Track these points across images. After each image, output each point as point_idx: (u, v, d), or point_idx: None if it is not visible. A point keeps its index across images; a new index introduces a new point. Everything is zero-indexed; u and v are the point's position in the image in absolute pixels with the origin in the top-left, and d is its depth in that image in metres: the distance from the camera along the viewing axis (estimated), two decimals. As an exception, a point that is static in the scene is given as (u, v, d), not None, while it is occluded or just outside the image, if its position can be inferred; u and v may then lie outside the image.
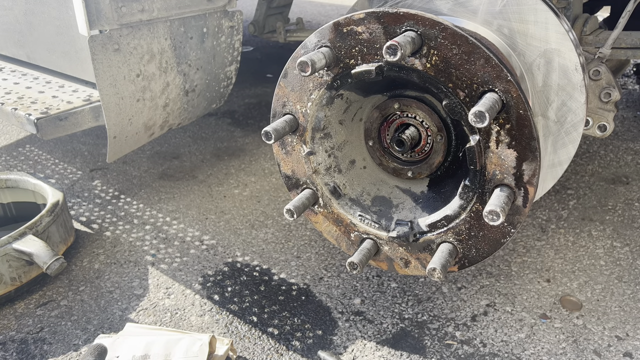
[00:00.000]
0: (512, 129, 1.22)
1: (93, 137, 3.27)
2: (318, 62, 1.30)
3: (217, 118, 3.58)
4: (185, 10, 2.16)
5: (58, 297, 1.93)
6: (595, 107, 1.81)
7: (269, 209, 2.50)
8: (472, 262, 1.42)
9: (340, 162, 1.57)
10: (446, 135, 1.48)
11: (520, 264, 2.07)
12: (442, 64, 1.24)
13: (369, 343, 1.73)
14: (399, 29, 1.26)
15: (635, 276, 1.98)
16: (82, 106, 2.16)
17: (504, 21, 1.50)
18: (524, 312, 1.83)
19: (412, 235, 1.45)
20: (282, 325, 1.80)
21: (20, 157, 3.04)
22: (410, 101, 1.48)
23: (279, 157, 1.58)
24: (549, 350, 1.67)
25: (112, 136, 2.07)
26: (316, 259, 2.14)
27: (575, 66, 1.47)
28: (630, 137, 3.14)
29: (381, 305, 1.88)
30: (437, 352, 1.68)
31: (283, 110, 1.49)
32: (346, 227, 1.55)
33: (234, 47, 2.51)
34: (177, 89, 2.28)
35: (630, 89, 3.94)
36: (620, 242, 2.18)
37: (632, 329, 1.74)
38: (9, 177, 2.29)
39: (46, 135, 2.08)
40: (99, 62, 1.90)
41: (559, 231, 2.27)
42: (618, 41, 1.86)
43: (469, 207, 1.35)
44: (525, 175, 1.25)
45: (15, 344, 1.72)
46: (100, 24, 1.88)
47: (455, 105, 1.27)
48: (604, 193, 2.55)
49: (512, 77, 1.19)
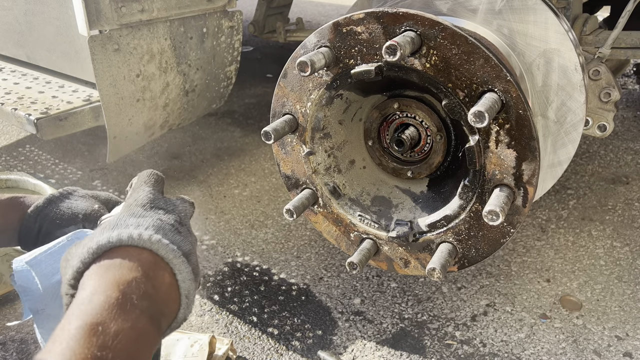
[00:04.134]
0: (511, 129, 1.22)
1: (93, 137, 3.27)
2: (317, 62, 1.30)
3: (217, 118, 3.58)
4: (185, 10, 2.16)
5: (58, 297, 1.93)
6: (595, 107, 1.80)
7: (269, 209, 2.50)
8: (471, 262, 1.41)
9: (339, 162, 1.57)
10: (446, 135, 1.48)
11: (520, 263, 2.07)
12: (441, 64, 1.24)
13: (368, 343, 1.73)
14: (399, 29, 1.26)
15: (635, 276, 1.98)
16: (82, 106, 2.16)
17: (503, 21, 1.50)
18: (523, 312, 1.83)
19: (412, 235, 1.44)
20: (282, 325, 1.80)
21: (20, 157, 3.04)
22: (410, 101, 1.48)
23: (279, 157, 1.58)
24: (549, 350, 1.67)
25: (112, 136, 2.07)
26: (316, 259, 2.14)
27: (575, 66, 1.47)
28: (630, 137, 3.13)
29: (381, 305, 1.88)
30: (437, 352, 1.68)
31: (282, 110, 1.49)
32: (346, 227, 1.55)
33: (234, 47, 2.51)
34: (177, 89, 2.28)
35: (630, 89, 3.94)
36: (620, 242, 2.18)
37: (632, 329, 1.74)
38: (9, 177, 2.29)
39: (46, 135, 2.08)
40: (99, 62, 1.90)
41: (559, 231, 2.27)
42: (618, 41, 1.86)
43: (469, 207, 1.35)
44: (525, 175, 1.25)
45: (15, 344, 1.72)
46: (100, 24, 1.88)
47: (455, 105, 1.26)
48: (604, 193, 2.55)
49: (511, 77, 1.19)
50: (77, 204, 1.02)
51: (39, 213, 1.00)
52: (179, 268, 0.73)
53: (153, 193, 0.85)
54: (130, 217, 0.76)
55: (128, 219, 0.75)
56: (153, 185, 0.88)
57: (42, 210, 1.00)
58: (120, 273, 0.66)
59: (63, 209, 1.01)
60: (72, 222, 1.00)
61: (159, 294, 0.69)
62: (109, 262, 0.68)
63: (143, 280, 0.67)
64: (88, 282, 0.67)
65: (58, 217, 1.00)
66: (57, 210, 1.00)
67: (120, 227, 0.72)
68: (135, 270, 0.67)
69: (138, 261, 0.69)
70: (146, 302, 0.65)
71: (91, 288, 0.65)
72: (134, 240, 0.70)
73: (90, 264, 0.69)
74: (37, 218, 0.99)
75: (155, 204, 0.82)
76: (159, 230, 0.74)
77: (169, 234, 0.75)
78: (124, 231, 0.71)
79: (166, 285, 0.71)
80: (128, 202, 0.83)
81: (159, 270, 0.71)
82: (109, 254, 0.69)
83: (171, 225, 0.78)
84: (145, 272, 0.68)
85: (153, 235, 0.72)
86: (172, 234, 0.76)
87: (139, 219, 0.75)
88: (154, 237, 0.71)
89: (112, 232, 0.71)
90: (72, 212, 1.01)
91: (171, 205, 0.85)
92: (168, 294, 0.71)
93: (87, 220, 1.00)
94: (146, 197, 0.82)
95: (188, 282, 0.73)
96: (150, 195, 0.84)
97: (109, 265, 0.68)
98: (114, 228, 0.72)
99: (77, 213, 1.01)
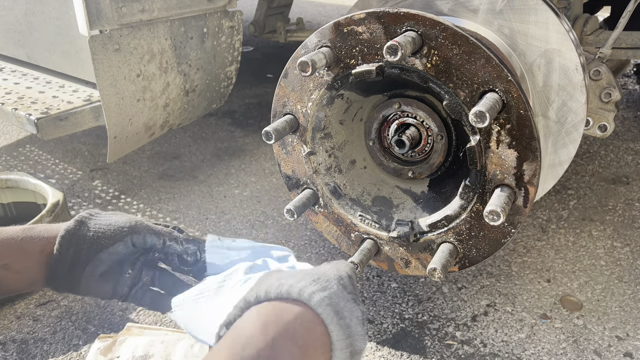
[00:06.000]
0: (512, 129, 1.22)
1: (93, 137, 3.26)
2: (318, 62, 1.30)
3: (217, 118, 3.58)
4: (186, 10, 2.16)
5: (58, 297, 1.93)
6: (595, 107, 1.80)
7: (269, 209, 2.50)
8: (472, 262, 1.41)
9: (340, 162, 1.57)
10: (447, 135, 1.48)
11: (520, 264, 2.07)
12: (442, 64, 1.24)
13: (369, 343, 1.72)
14: (400, 29, 1.26)
15: (635, 276, 1.98)
16: (82, 106, 2.16)
17: (504, 21, 1.50)
18: (524, 312, 1.83)
19: (413, 236, 1.44)
20: (282, 325, 1.80)
21: (20, 157, 3.04)
22: (411, 101, 1.48)
23: (280, 157, 1.58)
24: (549, 351, 1.67)
25: (112, 136, 2.07)
26: (316, 259, 2.13)
27: (576, 66, 1.47)
28: (631, 137, 3.13)
29: (381, 305, 1.88)
30: (437, 352, 1.68)
31: (283, 110, 1.49)
32: (346, 227, 1.55)
33: (234, 47, 2.51)
34: (177, 89, 2.28)
35: (630, 89, 3.94)
36: (621, 242, 2.18)
37: (632, 329, 1.74)
38: (9, 177, 2.29)
39: (46, 135, 2.08)
40: (99, 62, 1.90)
41: (560, 231, 2.27)
42: (618, 41, 1.86)
43: (470, 207, 1.35)
44: (526, 175, 1.25)
45: (15, 344, 1.72)
46: (101, 24, 1.88)
47: (456, 105, 1.26)
48: (605, 193, 2.55)
49: (512, 77, 1.19)
50: (116, 219, 0.89)
51: (72, 236, 0.85)
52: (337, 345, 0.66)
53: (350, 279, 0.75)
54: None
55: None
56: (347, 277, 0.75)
57: (76, 233, 0.86)
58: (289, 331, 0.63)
59: (102, 226, 0.87)
60: (117, 237, 0.87)
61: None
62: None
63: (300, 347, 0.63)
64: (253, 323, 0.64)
65: (100, 236, 0.86)
66: (96, 228, 0.86)
67: (319, 282, 0.68)
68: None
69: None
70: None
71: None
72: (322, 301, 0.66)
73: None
74: (72, 243, 0.85)
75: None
76: (338, 301, 0.68)
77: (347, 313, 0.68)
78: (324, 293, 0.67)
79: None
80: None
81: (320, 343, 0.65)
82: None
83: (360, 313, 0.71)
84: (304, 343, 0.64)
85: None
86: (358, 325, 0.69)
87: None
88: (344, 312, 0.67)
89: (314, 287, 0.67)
90: (114, 227, 0.87)
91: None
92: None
93: (134, 233, 0.88)
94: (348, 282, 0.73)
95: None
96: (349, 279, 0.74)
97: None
98: (314, 282, 0.68)
99: (120, 227, 0.88)
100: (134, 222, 0.89)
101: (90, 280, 0.86)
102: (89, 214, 0.90)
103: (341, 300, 0.68)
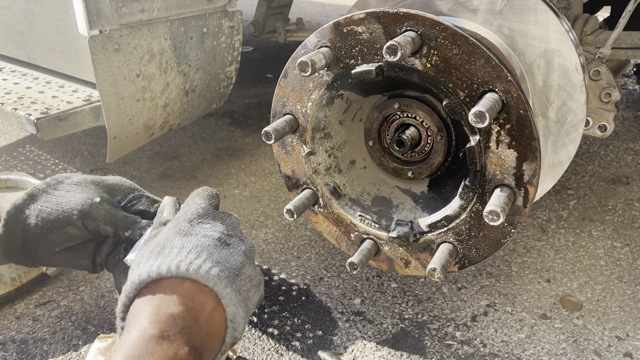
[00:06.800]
0: (512, 129, 1.22)
1: (93, 137, 3.26)
2: (318, 62, 1.30)
3: (217, 118, 3.58)
4: (186, 10, 2.16)
5: (58, 297, 1.93)
6: (595, 107, 1.80)
7: (269, 209, 2.50)
8: (472, 262, 1.41)
9: (340, 162, 1.57)
10: (446, 135, 1.48)
11: (520, 264, 2.07)
12: (442, 64, 1.24)
13: (369, 343, 1.72)
14: (399, 29, 1.25)
15: (635, 276, 1.98)
16: (82, 106, 2.16)
17: (504, 21, 1.50)
18: (524, 312, 1.83)
19: (412, 236, 1.44)
20: (282, 325, 1.80)
21: (20, 157, 3.04)
22: (411, 101, 1.48)
23: (279, 157, 1.58)
24: (549, 351, 1.67)
25: (112, 136, 2.07)
26: (316, 259, 2.13)
27: (576, 66, 1.47)
28: (631, 137, 3.13)
29: (381, 305, 1.88)
30: (437, 352, 1.68)
31: (283, 110, 1.49)
32: (346, 227, 1.55)
33: (234, 47, 2.51)
34: (177, 89, 2.28)
35: (630, 89, 3.94)
36: (621, 242, 2.18)
37: (632, 329, 1.74)
38: (9, 177, 2.29)
39: (46, 135, 2.08)
40: (99, 62, 1.90)
41: (559, 231, 2.27)
42: (618, 41, 1.86)
43: (469, 207, 1.35)
44: (526, 176, 1.25)
45: (15, 344, 1.72)
46: (100, 24, 1.88)
47: (456, 106, 1.26)
48: (604, 193, 2.55)
49: (512, 77, 1.19)
50: (70, 197, 0.81)
51: (19, 215, 0.79)
52: (222, 293, 0.70)
53: (203, 207, 0.80)
54: (176, 236, 0.74)
55: (174, 239, 0.73)
56: (205, 198, 0.83)
57: (23, 211, 0.80)
58: (159, 308, 0.66)
59: (51, 206, 0.80)
60: (64, 223, 0.80)
61: (199, 324, 0.68)
62: (150, 297, 0.68)
63: (182, 314, 0.67)
64: (130, 317, 0.68)
65: (44, 220, 0.79)
66: (44, 208, 0.80)
67: (164, 254, 0.71)
68: (174, 304, 0.67)
69: (178, 293, 0.68)
70: (185, 336, 0.65)
71: (130, 324, 0.66)
72: (173, 272, 0.69)
73: (135, 297, 0.69)
74: (18, 222, 0.79)
75: (203, 219, 0.78)
76: (203, 251, 0.72)
77: (214, 252, 0.73)
78: (165, 262, 0.70)
79: (207, 313, 0.69)
80: (178, 215, 0.80)
81: (200, 298, 0.69)
82: (151, 287, 0.69)
83: (217, 240, 0.74)
84: (186, 305, 0.68)
85: (193, 262, 0.70)
86: (219, 250, 0.73)
87: (184, 239, 0.73)
88: (193, 266, 0.70)
89: (155, 263, 0.70)
90: (62, 209, 0.80)
91: (219, 218, 0.80)
92: (210, 321, 0.70)
93: (86, 218, 0.81)
94: (195, 211, 0.79)
95: (232, 307, 0.71)
96: (200, 209, 0.80)
97: (150, 300, 0.68)
98: (158, 255, 0.71)
99: (70, 210, 0.80)
100: (88, 206, 0.81)
101: (51, 256, 0.83)
102: (55, 180, 0.84)
103: (213, 249, 0.75)
